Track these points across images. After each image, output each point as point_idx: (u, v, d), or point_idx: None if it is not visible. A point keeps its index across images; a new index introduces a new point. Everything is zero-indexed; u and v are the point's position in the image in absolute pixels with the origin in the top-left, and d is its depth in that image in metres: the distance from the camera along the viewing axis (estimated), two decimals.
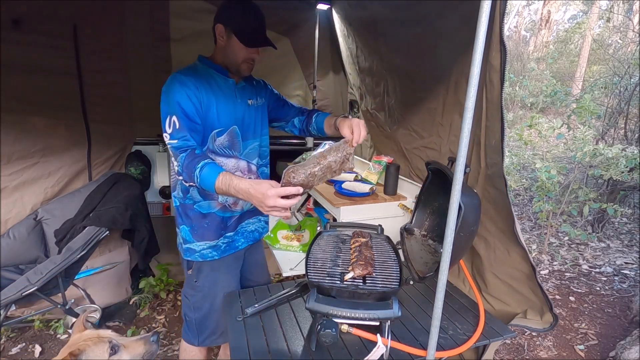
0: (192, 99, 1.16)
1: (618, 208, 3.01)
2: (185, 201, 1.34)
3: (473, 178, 1.40)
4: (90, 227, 1.88)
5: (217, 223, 1.37)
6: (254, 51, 1.25)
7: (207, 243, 1.37)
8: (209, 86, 1.22)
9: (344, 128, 1.23)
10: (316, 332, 1.02)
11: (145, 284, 2.49)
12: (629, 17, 6.57)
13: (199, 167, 1.09)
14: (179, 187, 1.34)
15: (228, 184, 1.06)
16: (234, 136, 1.30)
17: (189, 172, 1.11)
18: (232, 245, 1.43)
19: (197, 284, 1.41)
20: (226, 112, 1.26)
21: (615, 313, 2.54)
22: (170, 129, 1.14)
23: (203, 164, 1.09)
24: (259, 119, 1.40)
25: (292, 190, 1.02)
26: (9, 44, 1.90)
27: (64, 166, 2.23)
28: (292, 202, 1.03)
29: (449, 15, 1.39)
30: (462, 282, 1.58)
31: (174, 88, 1.15)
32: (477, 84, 0.76)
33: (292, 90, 3.34)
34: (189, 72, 1.20)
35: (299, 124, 1.52)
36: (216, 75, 1.26)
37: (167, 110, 1.15)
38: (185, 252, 1.39)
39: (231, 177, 1.07)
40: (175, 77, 1.17)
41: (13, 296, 1.65)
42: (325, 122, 1.43)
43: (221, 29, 1.22)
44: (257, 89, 1.42)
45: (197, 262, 1.38)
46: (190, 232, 1.36)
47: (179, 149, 1.14)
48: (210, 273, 1.40)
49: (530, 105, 4.98)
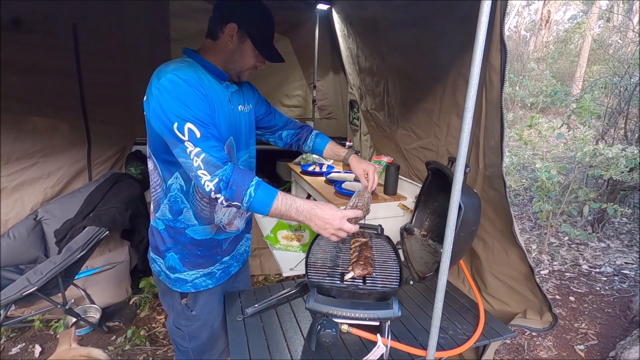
0: (203, 100, 0.97)
1: (618, 208, 3.01)
2: (176, 224, 1.13)
3: (471, 179, 1.40)
4: (90, 227, 1.88)
5: (212, 248, 1.20)
6: (262, 60, 1.12)
7: (201, 271, 1.20)
8: (209, 91, 1.02)
9: (359, 169, 1.25)
10: (316, 332, 1.02)
11: (145, 284, 2.49)
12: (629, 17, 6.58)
13: (253, 185, 0.93)
14: (167, 207, 1.12)
15: (290, 204, 0.95)
16: (230, 149, 1.13)
17: (237, 189, 0.91)
18: (226, 272, 1.29)
19: (193, 314, 1.24)
20: (224, 121, 1.08)
21: (615, 313, 2.54)
22: (187, 136, 0.91)
23: (258, 182, 0.94)
24: (247, 127, 1.23)
25: (358, 213, 1.05)
26: (9, 44, 1.91)
27: (64, 166, 2.23)
28: (356, 228, 1.01)
29: (447, 17, 1.40)
30: (462, 282, 1.58)
31: (178, 88, 0.93)
32: (477, 84, 0.76)
33: (292, 90, 3.35)
34: (188, 71, 0.96)
35: (287, 138, 1.40)
36: (210, 77, 1.06)
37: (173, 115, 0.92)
38: (174, 284, 1.19)
39: (292, 197, 0.96)
40: (174, 74, 0.93)
41: (13, 296, 1.65)
42: (328, 148, 1.37)
43: (233, 28, 1.03)
44: (245, 93, 1.24)
45: (192, 292, 1.22)
46: (180, 261, 1.17)
47: (218, 161, 0.92)
48: (209, 301, 1.26)
49: (530, 105, 4.98)
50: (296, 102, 3.39)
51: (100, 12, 2.15)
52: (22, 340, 2.11)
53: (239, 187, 0.92)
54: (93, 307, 2.23)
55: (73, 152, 2.25)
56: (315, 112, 3.14)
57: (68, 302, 1.92)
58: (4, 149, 2.01)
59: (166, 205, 1.12)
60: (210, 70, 1.07)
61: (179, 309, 1.25)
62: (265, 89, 1.40)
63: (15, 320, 2.03)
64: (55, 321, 2.21)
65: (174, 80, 0.93)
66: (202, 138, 0.92)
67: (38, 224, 2.12)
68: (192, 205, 1.12)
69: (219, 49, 1.07)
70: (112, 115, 2.33)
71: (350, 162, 1.33)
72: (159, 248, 1.18)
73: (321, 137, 1.41)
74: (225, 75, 1.10)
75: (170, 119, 0.92)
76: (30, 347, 2.06)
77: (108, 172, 2.38)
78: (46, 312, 2.09)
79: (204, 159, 0.91)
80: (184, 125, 0.91)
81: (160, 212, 1.14)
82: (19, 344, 2.08)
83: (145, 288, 2.49)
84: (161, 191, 1.11)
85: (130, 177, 2.40)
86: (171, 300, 1.25)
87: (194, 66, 1.03)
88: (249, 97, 1.26)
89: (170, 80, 0.93)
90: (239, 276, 1.41)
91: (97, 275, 2.27)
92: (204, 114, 0.95)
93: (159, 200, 1.13)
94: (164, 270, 1.20)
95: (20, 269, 2.01)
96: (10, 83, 1.96)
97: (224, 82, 1.11)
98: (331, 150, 1.37)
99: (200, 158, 0.91)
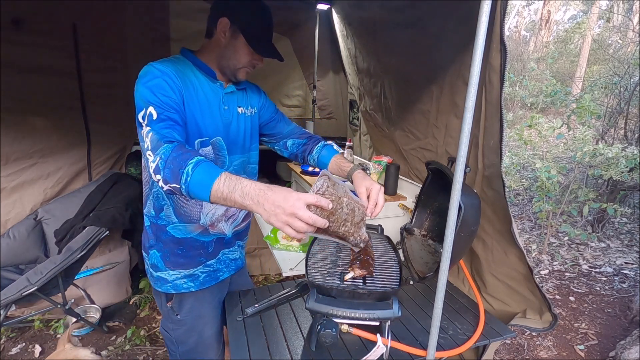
0: (174, 88, 0.94)
1: (618, 208, 3.01)
2: (158, 221, 1.11)
3: (470, 179, 1.40)
4: (90, 227, 1.88)
5: (194, 249, 1.16)
6: (259, 58, 1.08)
7: (182, 272, 1.16)
8: (191, 85, 1.01)
9: (361, 186, 1.08)
10: (316, 332, 1.02)
11: (145, 284, 2.49)
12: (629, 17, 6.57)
13: (192, 163, 0.80)
14: (151, 203, 1.11)
15: (234, 185, 0.78)
16: (218, 149, 1.09)
17: (175, 167, 0.80)
18: (213, 276, 1.23)
19: (178, 318, 1.20)
20: (210, 119, 1.05)
21: (615, 313, 2.54)
22: (146, 120, 0.88)
23: (199, 160, 0.81)
24: (248, 131, 1.18)
25: (323, 202, 0.79)
26: (9, 44, 1.91)
27: (64, 166, 2.23)
28: (322, 221, 0.79)
29: (444, 18, 1.40)
30: (462, 282, 1.58)
31: (149, 75, 0.92)
32: (477, 84, 0.76)
33: (292, 90, 3.35)
34: (168, 64, 0.96)
35: (293, 147, 1.32)
36: (200, 74, 1.05)
37: (141, 102, 0.90)
38: (156, 282, 1.17)
39: (240, 178, 0.80)
40: (151, 65, 0.94)
41: (13, 296, 1.65)
42: (333, 161, 1.24)
43: (226, 23, 1.01)
44: (248, 95, 1.20)
45: (178, 294, 1.18)
46: (161, 259, 1.14)
47: (162, 139, 0.85)
48: (195, 305, 1.21)
49: (530, 105, 4.98)
50: (296, 102, 3.40)
51: (100, 12, 2.15)
52: (22, 340, 2.11)
53: (177, 164, 0.80)
54: (93, 307, 2.23)
55: (73, 152, 2.25)
56: (315, 112, 3.14)
57: (68, 302, 1.92)
58: (4, 149, 2.01)
59: (151, 201, 1.11)
60: (201, 69, 1.05)
61: (165, 312, 1.23)
62: (265, 89, 1.36)
63: (15, 320, 2.03)
64: (55, 321, 2.21)
65: (146, 70, 0.93)
66: (157, 119, 0.88)
67: (38, 224, 2.12)
68: (171, 202, 1.10)
69: (213, 46, 1.06)
70: (112, 115, 2.33)
71: (354, 179, 1.15)
72: (145, 245, 1.18)
73: (327, 150, 1.28)
74: (214, 73, 1.07)
75: (138, 105, 0.91)
76: (30, 347, 2.06)
77: (108, 172, 2.38)
78: (46, 312, 2.09)
79: (151, 138, 0.86)
80: (147, 109, 0.89)
81: (147, 208, 1.13)
82: (19, 344, 2.08)
83: (145, 288, 2.49)
84: (148, 187, 1.11)
85: (130, 177, 2.40)
86: (160, 301, 1.23)
87: (181, 62, 1.02)
88: (254, 101, 1.22)
89: (144, 70, 0.94)
90: (233, 284, 1.37)
91: (97, 275, 2.27)
92: (168, 99, 0.92)
93: (147, 196, 1.13)
94: (148, 268, 1.19)
95: (20, 269, 2.01)
96: (10, 83, 1.96)
97: (217, 82, 1.08)
98: (336, 165, 1.24)
99: (148, 138, 0.87)
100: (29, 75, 2.03)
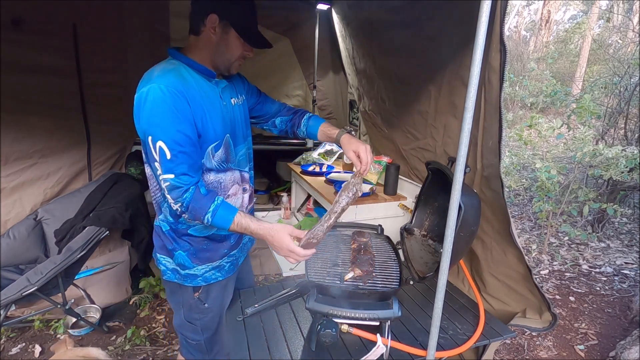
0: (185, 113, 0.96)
1: (618, 208, 3.01)
2: (178, 226, 1.16)
3: (469, 179, 1.40)
4: (90, 227, 1.88)
5: (218, 241, 1.22)
6: (249, 49, 1.09)
7: (210, 265, 1.22)
8: (194, 92, 1.00)
9: (349, 151, 1.15)
10: (316, 332, 1.02)
11: (145, 284, 2.49)
12: (629, 17, 6.57)
13: (210, 212, 1.00)
14: (168, 210, 1.15)
15: (244, 228, 1.04)
16: (227, 147, 1.14)
17: (195, 215, 1.01)
18: (234, 264, 1.31)
19: (205, 307, 1.27)
20: (218, 121, 1.08)
21: (615, 313, 2.54)
22: (158, 156, 0.95)
23: (215, 208, 1.01)
24: (242, 119, 1.22)
25: (309, 253, 1.07)
26: (9, 44, 1.90)
27: (64, 167, 2.23)
28: (311, 253, 1.08)
29: (442, 18, 1.40)
30: (462, 282, 1.58)
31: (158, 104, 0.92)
32: (477, 84, 0.76)
33: (292, 90, 3.35)
34: (171, 78, 0.95)
35: (280, 124, 1.35)
36: (198, 76, 1.05)
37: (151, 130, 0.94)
38: (185, 279, 1.22)
39: (248, 222, 1.04)
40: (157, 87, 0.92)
41: (13, 296, 1.65)
42: (320, 130, 1.28)
43: (215, 19, 1.01)
44: (235, 84, 1.22)
45: (206, 285, 1.24)
46: (188, 257, 1.19)
47: (177, 188, 0.98)
48: (219, 293, 1.28)
49: (530, 105, 4.98)
50: (296, 102, 3.40)
51: (100, 12, 2.15)
52: (22, 340, 2.11)
53: (197, 213, 1.01)
54: (93, 307, 2.23)
55: (73, 152, 2.25)
56: (315, 112, 3.15)
57: (68, 302, 1.92)
58: (4, 149, 2.01)
59: (166, 208, 1.15)
60: (197, 69, 1.05)
61: (192, 304, 1.26)
62: (266, 89, 1.37)
63: (15, 320, 2.03)
64: (55, 321, 2.21)
65: (155, 93, 0.92)
66: (171, 159, 0.95)
67: (38, 224, 2.12)
68: None
69: (204, 43, 1.05)
70: (112, 115, 2.33)
71: (342, 144, 1.21)
72: (166, 247, 1.20)
73: (314, 120, 1.31)
74: (213, 73, 1.08)
75: (144, 130, 0.95)
76: (30, 347, 2.06)
77: (108, 172, 2.38)
78: (46, 312, 2.09)
79: (168, 187, 0.98)
80: (157, 142, 0.94)
81: (162, 215, 1.18)
82: (19, 344, 2.08)
83: (145, 288, 2.49)
84: (160, 195, 1.14)
85: (130, 177, 2.40)
86: (182, 297, 1.26)
87: (179, 68, 1.01)
88: (240, 88, 1.25)
89: (153, 91, 0.93)
90: (242, 266, 1.43)
91: (97, 275, 2.27)
92: (180, 133, 0.95)
93: (160, 203, 1.16)
94: (173, 268, 1.22)
95: (20, 269, 2.01)
96: (10, 83, 1.96)
97: (213, 80, 1.09)
98: (324, 133, 1.28)
99: (165, 185, 0.98)
100: (29, 75, 2.03)
